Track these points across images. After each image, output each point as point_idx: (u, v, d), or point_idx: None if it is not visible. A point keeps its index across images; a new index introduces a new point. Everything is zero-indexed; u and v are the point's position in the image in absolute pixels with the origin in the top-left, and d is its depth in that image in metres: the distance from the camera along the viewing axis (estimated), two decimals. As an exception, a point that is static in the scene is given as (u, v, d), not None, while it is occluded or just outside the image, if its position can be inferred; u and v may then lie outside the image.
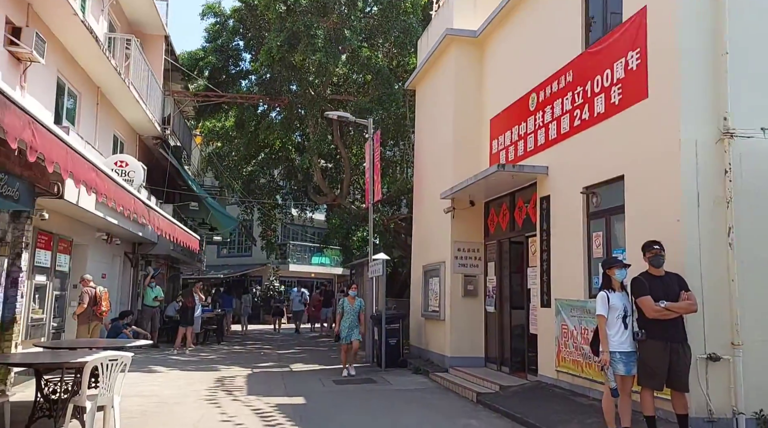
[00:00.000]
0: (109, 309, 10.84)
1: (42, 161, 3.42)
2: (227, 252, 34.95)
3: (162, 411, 7.52)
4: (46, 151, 3.25)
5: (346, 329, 11.05)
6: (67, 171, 3.49)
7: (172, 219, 8.57)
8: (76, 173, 3.70)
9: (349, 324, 11.07)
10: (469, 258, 11.47)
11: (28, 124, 3.00)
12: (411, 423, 7.13)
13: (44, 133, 3.21)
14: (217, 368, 11.98)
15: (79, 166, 3.70)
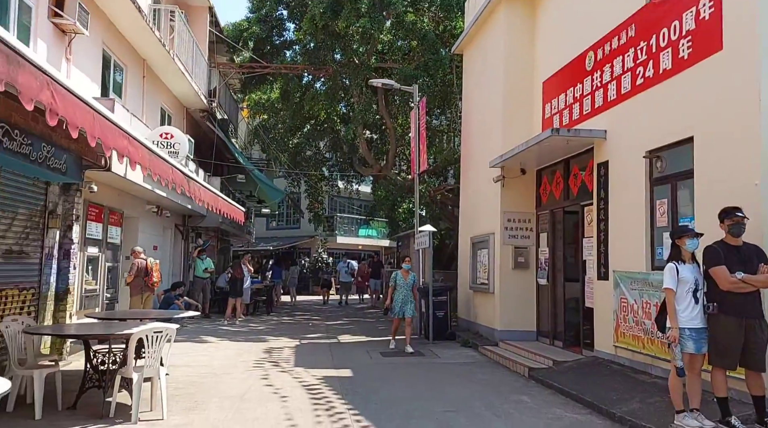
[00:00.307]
0: (160, 280, 10.99)
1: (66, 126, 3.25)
2: (276, 225, 35.39)
3: (209, 381, 7.54)
4: (68, 115, 3.06)
5: (399, 303, 10.53)
6: (94, 137, 3.31)
7: (215, 191, 8.49)
8: (105, 140, 3.52)
9: (402, 299, 10.53)
10: (520, 229, 11.02)
11: (45, 84, 2.82)
12: (460, 398, 6.89)
13: (65, 94, 3.03)
14: (265, 339, 12.05)
15: (108, 132, 3.53)
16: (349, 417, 5.87)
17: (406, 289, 10.57)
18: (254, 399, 6.55)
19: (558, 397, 6.99)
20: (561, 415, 6.17)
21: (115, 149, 3.68)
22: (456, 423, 5.74)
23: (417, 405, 6.49)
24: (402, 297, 10.52)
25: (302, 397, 6.73)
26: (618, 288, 7.72)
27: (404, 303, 10.50)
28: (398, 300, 10.53)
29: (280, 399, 6.60)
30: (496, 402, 6.72)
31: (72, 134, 3.09)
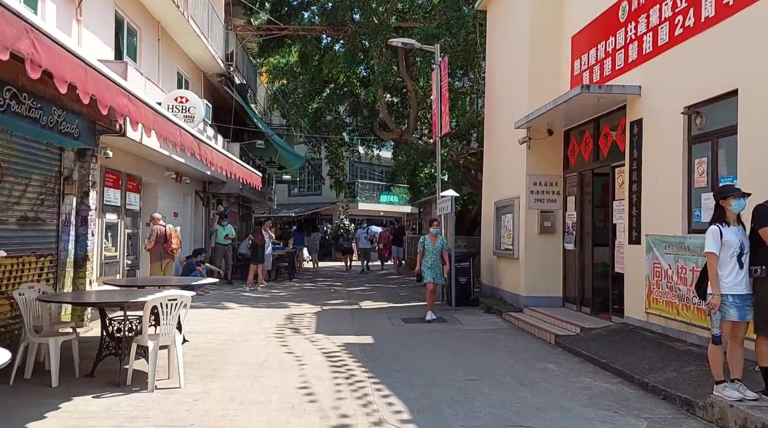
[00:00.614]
0: (179, 246, 10.92)
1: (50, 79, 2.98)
2: (297, 192, 35.33)
3: (229, 348, 7.45)
4: (54, 67, 2.79)
5: (428, 269, 9.98)
6: (87, 93, 3.04)
7: (228, 154, 8.24)
8: (102, 96, 3.25)
9: (431, 265, 9.98)
10: (547, 192, 10.63)
11: (24, 32, 2.53)
12: (483, 366, 6.68)
13: (50, 45, 2.74)
14: (286, 305, 11.99)
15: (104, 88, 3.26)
16: (370, 386, 5.70)
17: (434, 254, 10.01)
18: (273, 367, 6.43)
19: (586, 365, 6.74)
20: (590, 384, 5.92)
21: (113, 107, 3.42)
22: (479, 393, 5.53)
23: (439, 373, 6.30)
24: (431, 263, 10.00)
25: (322, 365, 6.59)
26: (651, 252, 7.36)
27: (433, 269, 10.01)
28: (426, 267, 10.03)
29: (299, 367, 6.46)
30: (521, 370, 6.50)
31: (60, 89, 2.83)
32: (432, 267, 9.97)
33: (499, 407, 5.07)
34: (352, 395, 5.38)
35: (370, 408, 4.98)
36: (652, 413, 5.00)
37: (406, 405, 5.09)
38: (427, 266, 9.99)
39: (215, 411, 4.80)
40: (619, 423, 4.73)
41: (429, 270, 9.96)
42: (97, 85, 3.19)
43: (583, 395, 5.52)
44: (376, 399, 5.27)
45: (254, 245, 14.78)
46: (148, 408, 4.86)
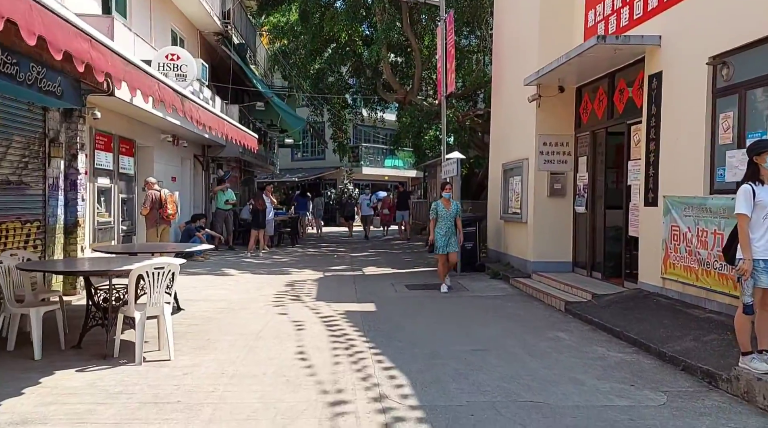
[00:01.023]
0: (176, 212, 10.59)
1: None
2: (301, 156, 34.85)
3: (226, 317, 7.16)
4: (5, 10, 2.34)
5: (441, 237, 9.17)
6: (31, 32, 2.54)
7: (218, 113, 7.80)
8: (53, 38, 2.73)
9: (445, 232, 9.18)
10: (557, 153, 10.15)
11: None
12: (490, 336, 6.37)
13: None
14: (288, 271, 11.70)
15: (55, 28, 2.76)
16: (370, 357, 5.39)
17: (448, 221, 9.17)
18: (270, 337, 6.13)
19: (599, 334, 6.41)
20: (603, 354, 5.60)
21: (68, 52, 2.98)
22: (486, 364, 5.22)
23: (444, 343, 5.99)
24: (445, 231, 9.16)
25: (321, 334, 6.29)
26: (668, 214, 6.94)
27: (447, 237, 9.15)
28: (440, 235, 9.17)
29: (297, 337, 6.16)
30: (531, 339, 6.18)
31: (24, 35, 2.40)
32: (446, 235, 9.18)
33: (508, 380, 4.76)
34: (352, 367, 5.07)
35: (369, 382, 4.67)
36: (671, 386, 4.67)
37: (408, 378, 4.78)
38: (440, 234, 9.19)
39: (204, 386, 4.50)
40: (637, 396, 4.41)
41: (443, 238, 9.16)
42: (47, 24, 2.74)
43: (596, 366, 5.19)
44: (376, 371, 4.97)
45: (255, 210, 14.43)
46: (133, 383, 4.58)
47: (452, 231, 9.19)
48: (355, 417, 3.94)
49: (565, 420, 3.92)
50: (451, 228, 9.19)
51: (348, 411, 4.03)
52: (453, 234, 9.20)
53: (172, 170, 13.65)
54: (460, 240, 9.35)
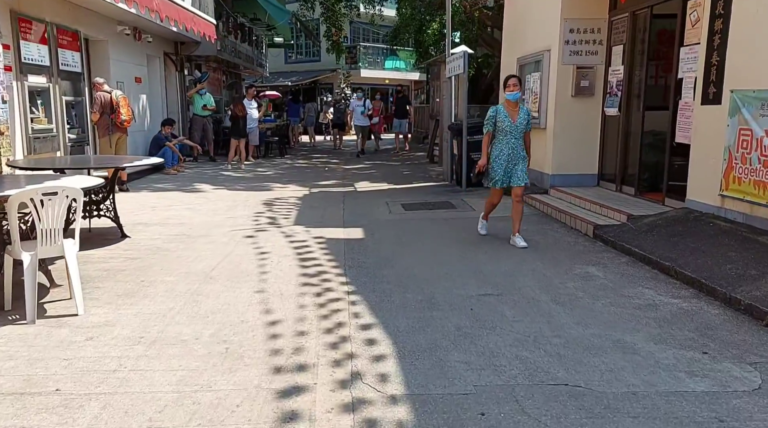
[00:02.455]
0: (131, 118, 8.99)
1: None
2: (295, 58, 32.44)
3: (178, 247, 5.83)
4: None
5: (502, 163, 5.86)
6: None
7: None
8: None
9: (508, 155, 5.85)
10: (586, 42, 8.37)
11: None
12: (503, 272, 5.04)
13: None
14: (270, 187, 10.30)
15: None
16: (347, 309, 4.08)
17: (514, 137, 5.82)
18: (223, 277, 4.81)
19: (641, 269, 5.06)
20: (653, 300, 4.27)
21: None
22: (499, 317, 3.91)
23: (444, 284, 4.67)
24: (508, 152, 5.85)
25: (290, 273, 4.96)
26: (737, 115, 5.38)
27: (513, 162, 5.88)
28: (500, 159, 5.87)
29: (258, 277, 4.84)
30: (554, 278, 4.84)
31: None
32: (510, 160, 5.88)
33: (530, 345, 3.45)
34: (319, 326, 3.76)
35: (341, 352, 3.37)
36: (761, 353, 3.36)
37: (395, 343, 3.48)
38: (501, 157, 5.87)
39: (107, 362, 3.21)
40: (717, 374, 3.10)
41: (504, 163, 5.88)
42: None
43: (647, 320, 3.87)
44: (352, 332, 3.66)
45: (234, 117, 12.79)
46: (9, 355, 3.29)
47: (519, 155, 5.89)
48: (309, 421, 2.65)
49: (624, 424, 2.63)
50: (518, 150, 5.88)
51: (301, 411, 2.74)
52: (520, 158, 5.91)
53: (136, 70, 11.88)
54: (528, 165, 6.04)
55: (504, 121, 5.82)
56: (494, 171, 5.92)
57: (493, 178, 5.97)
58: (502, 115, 5.84)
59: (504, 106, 5.93)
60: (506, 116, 5.83)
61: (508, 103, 5.90)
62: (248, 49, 19.59)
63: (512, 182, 5.94)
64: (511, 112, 5.85)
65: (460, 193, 9.41)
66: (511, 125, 5.82)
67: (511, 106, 5.88)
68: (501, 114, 5.85)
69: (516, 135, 5.84)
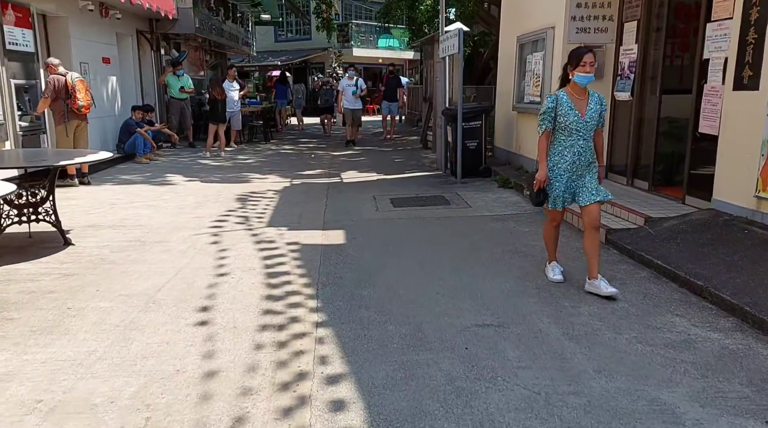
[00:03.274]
0: (89, 103, 8.10)
1: None
2: (285, 37, 31.30)
3: (126, 259, 5.02)
4: None
5: (564, 175, 4.19)
6: None
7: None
8: None
9: (573, 161, 4.16)
10: (595, 18, 7.51)
11: None
12: (504, 293, 4.28)
13: None
14: (248, 178, 9.47)
15: None
16: (313, 349, 3.30)
17: (582, 138, 4.13)
18: (169, 302, 4.01)
19: (666, 288, 4.29)
20: (686, 333, 3.50)
21: None
22: (502, 363, 3.15)
23: (434, 308, 3.90)
24: (573, 158, 4.16)
25: (251, 296, 4.17)
26: (779, 104, 4.57)
27: (576, 172, 4.19)
28: (562, 166, 4.19)
29: (213, 301, 4.05)
30: (564, 299, 4.07)
31: None
32: (575, 167, 4.17)
33: (540, 409, 2.68)
34: (274, 380, 2.97)
35: (295, 424, 2.59)
36: (837, 422, 2.60)
37: (367, 409, 2.70)
38: (561, 166, 4.18)
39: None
40: (789, 459, 2.34)
41: (567, 172, 4.18)
42: None
43: (685, 366, 3.10)
44: (315, 389, 2.88)
45: (212, 100, 11.87)
46: None
47: (587, 161, 4.18)
48: None
49: None
50: (586, 154, 4.16)
51: None
52: (589, 166, 4.20)
53: (103, 49, 10.93)
54: (600, 176, 4.26)
55: (567, 114, 4.08)
56: (551, 185, 4.24)
57: (552, 193, 4.24)
58: (565, 106, 4.09)
59: (567, 93, 4.14)
60: (571, 108, 4.08)
61: (575, 88, 4.12)
62: (232, 26, 18.57)
63: (579, 200, 4.20)
64: (578, 102, 4.11)
65: (454, 184, 8.60)
66: (578, 120, 4.08)
67: (579, 94, 4.12)
68: (564, 105, 4.09)
69: (584, 134, 4.12)
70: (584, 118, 4.12)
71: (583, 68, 4.03)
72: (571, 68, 4.10)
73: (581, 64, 4.04)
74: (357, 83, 14.22)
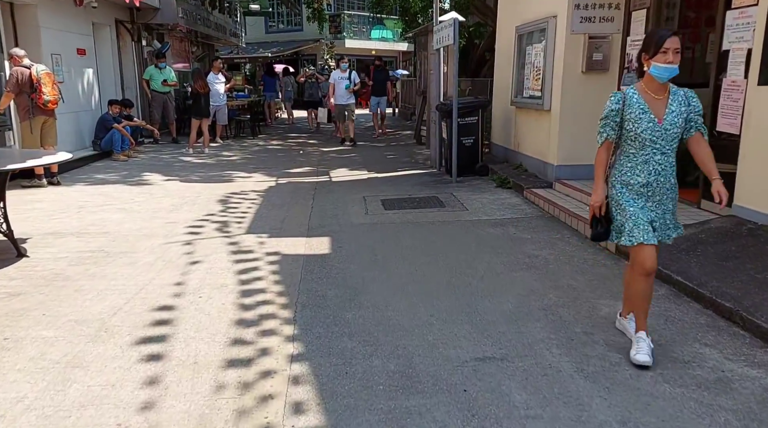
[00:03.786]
0: (56, 98, 7.52)
1: None
2: (276, 28, 30.63)
3: (84, 274, 4.50)
4: None
5: (638, 199, 3.06)
6: None
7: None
8: None
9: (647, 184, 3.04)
10: (600, 6, 6.99)
11: None
12: (507, 315, 3.80)
13: None
14: (231, 177, 8.93)
15: None
16: (285, 392, 2.81)
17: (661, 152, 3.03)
18: (123, 330, 3.49)
19: (690, 309, 3.80)
20: (720, 369, 3.02)
21: None
22: (507, 412, 2.66)
23: (427, 336, 3.41)
24: (650, 178, 3.04)
25: (220, 321, 3.66)
26: (814, 102, 4.07)
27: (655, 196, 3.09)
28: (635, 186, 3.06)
29: (174, 328, 3.54)
30: (576, 324, 3.58)
31: None
32: (653, 191, 3.06)
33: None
34: (234, 435, 2.48)
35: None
36: None
37: (345, 480, 2.21)
38: (634, 187, 3.06)
39: None
40: None
41: (639, 198, 3.07)
42: None
43: (725, 415, 2.62)
44: (282, 449, 2.39)
45: (195, 94, 11.29)
46: None
47: (669, 183, 3.10)
48: None
49: None
50: (668, 173, 3.08)
51: None
52: (671, 187, 3.12)
53: (78, 40, 10.32)
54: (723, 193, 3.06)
55: (639, 120, 2.97)
56: (622, 210, 3.06)
57: (626, 224, 3.05)
58: (636, 109, 2.98)
59: (639, 90, 3.03)
60: (644, 110, 2.97)
61: (650, 84, 3.00)
62: (220, 17, 17.92)
63: (665, 235, 3.14)
64: (654, 104, 2.98)
65: (449, 184, 8.10)
66: (654, 128, 2.97)
67: (656, 92, 2.99)
68: (634, 107, 2.99)
69: (663, 146, 3.01)
70: (662, 125, 2.97)
71: (665, 57, 2.90)
72: (647, 56, 2.98)
73: (662, 51, 2.89)
74: (350, 76, 12.87)
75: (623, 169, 3.12)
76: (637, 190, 3.07)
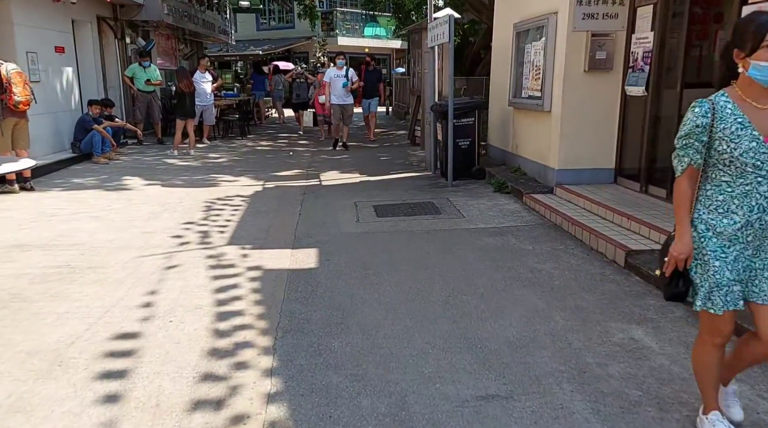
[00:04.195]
0: (28, 99, 7.09)
1: None
2: (268, 25, 30.16)
3: (45, 294, 4.10)
4: None
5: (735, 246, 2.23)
6: None
7: None
8: None
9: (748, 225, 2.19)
10: (603, 2, 6.63)
11: None
12: (509, 341, 3.45)
13: None
14: (216, 181, 8.52)
15: None
16: (256, 446, 2.43)
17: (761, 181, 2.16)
18: (80, 364, 3.11)
19: (711, 334, 3.44)
20: (755, 411, 2.67)
21: None
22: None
23: (422, 368, 3.04)
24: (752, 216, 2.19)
25: (190, 351, 3.28)
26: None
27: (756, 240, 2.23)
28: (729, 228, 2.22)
29: (138, 360, 3.15)
30: (586, 352, 3.23)
31: None
32: (750, 234, 2.22)
33: None
34: None
35: None
36: None
37: None
38: (727, 228, 2.23)
39: None
40: None
41: (737, 244, 2.23)
42: None
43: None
44: None
45: (179, 93, 10.86)
46: None
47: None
48: None
49: None
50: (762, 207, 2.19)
51: None
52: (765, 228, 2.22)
53: (55, 37, 9.88)
54: None
55: (738, 137, 2.16)
56: (704, 263, 2.28)
57: (713, 285, 2.26)
58: (732, 123, 2.18)
59: (734, 98, 2.20)
60: (745, 125, 2.16)
61: (749, 89, 2.17)
62: (208, 13, 17.47)
63: (753, 293, 2.28)
64: (757, 115, 2.17)
65: (445, 188, 7.74)
66: (759, 148, 2.14)
67: (758, 99, 2.17)
68: (728, 120, 2.18)
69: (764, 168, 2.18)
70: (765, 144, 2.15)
71: (759, 48, 2.08)
72: (742, 53, 2.14)
73: (763, 46, 2.08)
74: (348, 74, 11.60)
75: (711, 205, 2.27)
76: (732, 234, 2.23)
